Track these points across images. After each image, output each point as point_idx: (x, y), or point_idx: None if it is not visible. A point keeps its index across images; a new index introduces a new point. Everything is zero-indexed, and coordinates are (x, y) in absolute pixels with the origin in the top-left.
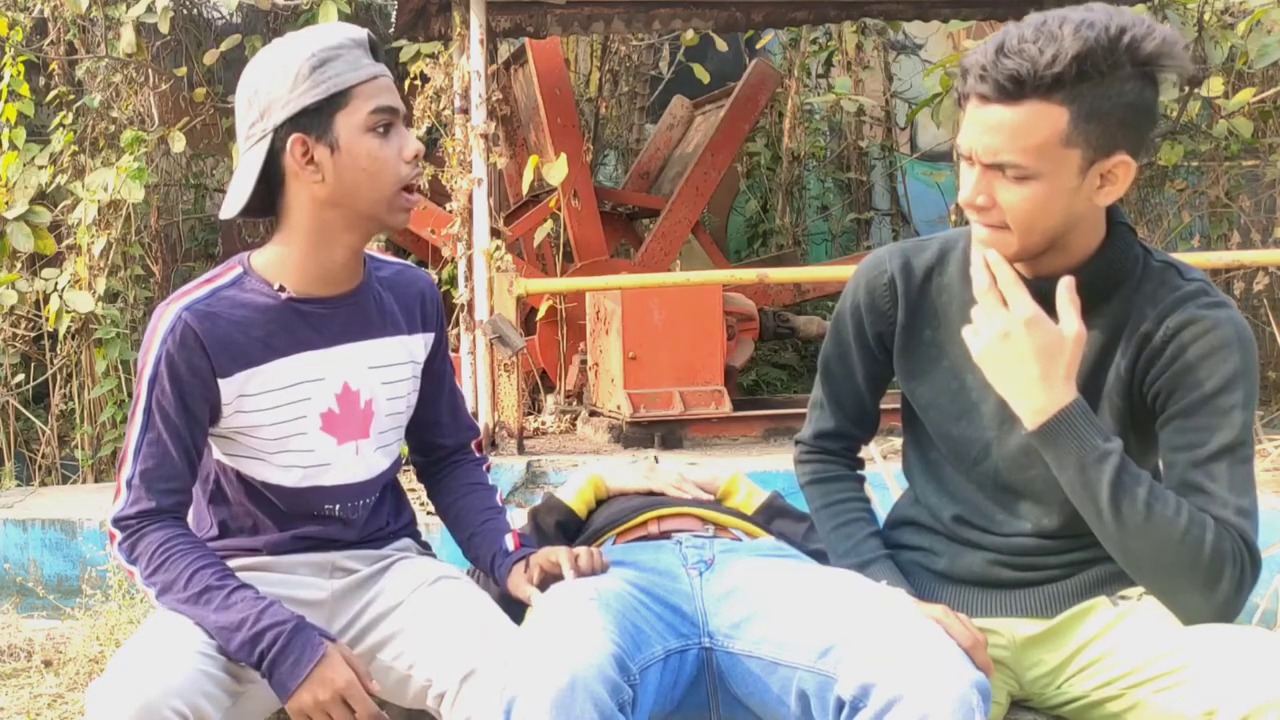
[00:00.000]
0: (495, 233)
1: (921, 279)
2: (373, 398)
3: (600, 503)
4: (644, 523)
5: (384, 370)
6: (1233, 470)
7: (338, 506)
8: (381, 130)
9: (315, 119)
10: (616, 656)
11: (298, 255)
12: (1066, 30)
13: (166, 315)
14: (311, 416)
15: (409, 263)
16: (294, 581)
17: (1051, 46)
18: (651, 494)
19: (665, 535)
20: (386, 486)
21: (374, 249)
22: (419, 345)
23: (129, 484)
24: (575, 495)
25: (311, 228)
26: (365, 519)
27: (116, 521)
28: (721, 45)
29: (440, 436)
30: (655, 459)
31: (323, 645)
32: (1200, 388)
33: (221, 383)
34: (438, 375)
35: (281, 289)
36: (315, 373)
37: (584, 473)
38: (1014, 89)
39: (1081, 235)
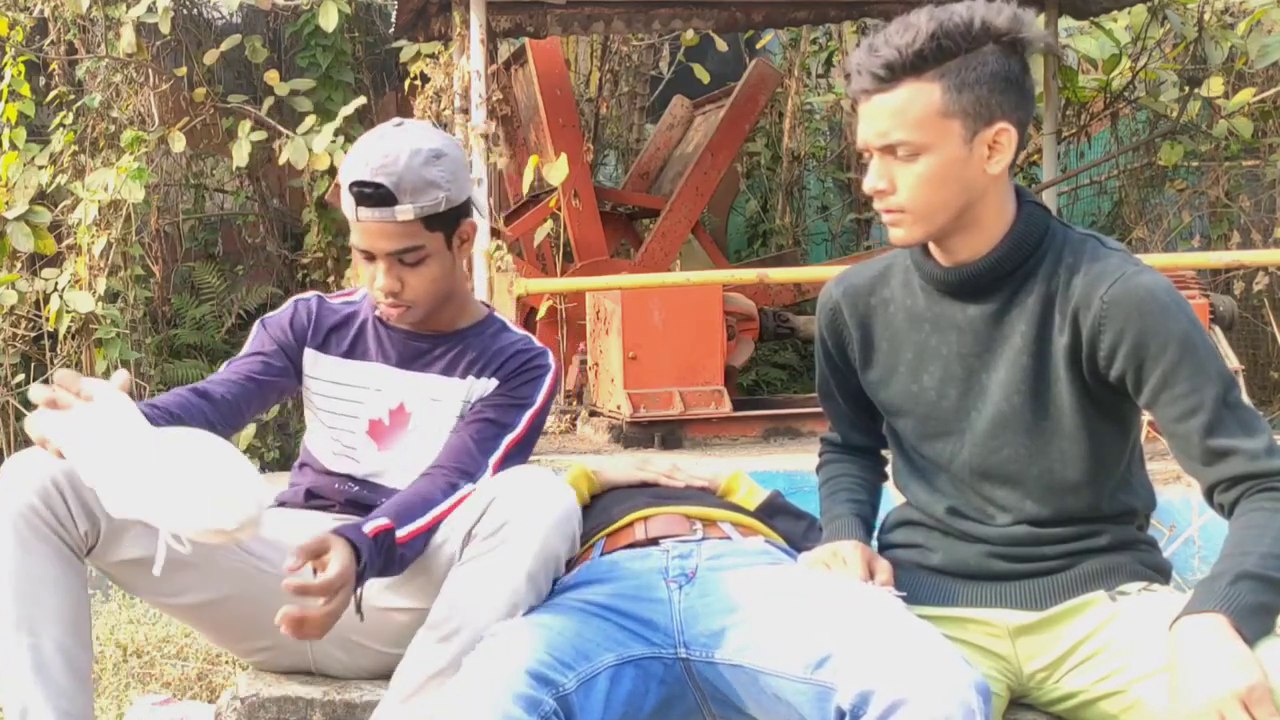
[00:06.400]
0: (495, 233)
1: (866, 295)
2: (427, 426)
3: (595, 498)
4: (630, 525)
5: (442, 405)
6: (1239, 417)
7: (356, 488)
8: (364, 257)
9: None
10: (533, 671)
11: None
12: (922, 18)
13: (303, 293)
14: (362, 419)
15: (535, 342)
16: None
17: (910, 32)
18: (645, 485)
19: (653, 541)
20: None
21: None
22: (477, 389)
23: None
24: None
25: None
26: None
27: None
28: (721, 45)
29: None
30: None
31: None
32: (1166, 354)
33: (306, 351)
34: (471, 414)
35: (375, 306)
36: (377, 383)
37: (572, 467)
38: (888, 75)
39: (988, 213)
